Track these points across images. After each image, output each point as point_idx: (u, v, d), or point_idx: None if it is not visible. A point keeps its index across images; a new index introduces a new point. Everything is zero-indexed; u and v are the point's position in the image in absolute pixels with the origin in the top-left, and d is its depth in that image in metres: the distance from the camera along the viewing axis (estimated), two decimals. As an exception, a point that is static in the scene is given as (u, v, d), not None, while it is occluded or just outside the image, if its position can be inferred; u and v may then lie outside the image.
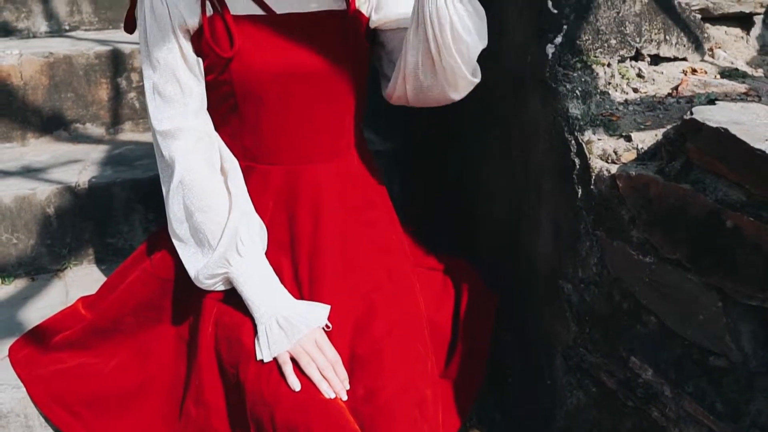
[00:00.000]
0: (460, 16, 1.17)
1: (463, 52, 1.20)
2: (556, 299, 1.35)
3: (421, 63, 1.23)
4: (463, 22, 1.18)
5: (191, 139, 1.25)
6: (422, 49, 1.21)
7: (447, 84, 1.25)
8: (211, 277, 1.24)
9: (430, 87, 1.27)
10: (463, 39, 1.19)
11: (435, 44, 1.19)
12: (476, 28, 1.21)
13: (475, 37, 1.21)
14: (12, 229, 1.74)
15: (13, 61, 2.05)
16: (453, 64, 1.21)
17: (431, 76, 1.25)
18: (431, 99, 1.30)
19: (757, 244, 0.95)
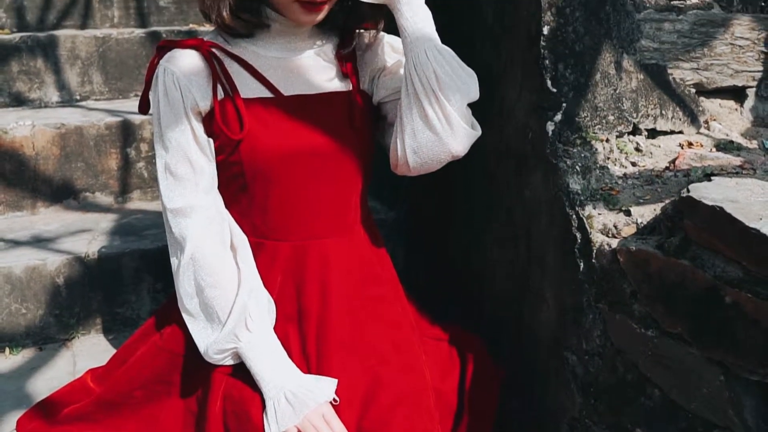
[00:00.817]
0: (441, 65, 1.22)
1: (451, 98, 1.23)
2: (561, 370, 1.36)
3: (414, 117, 1.25)
4: (444, 70, 1.22)
5: (202, 217, 1.28)
6: (414, 104, 1.24)
7: (444, 135, 1.25)
8: (220, 352, 1.26)
9: (429, 143, 1.26)
10: (448, 85, 1.22)
11: (424, 94, 1.22)
12: (460, 77, 1.24)
13: (461, 84, 1.24)
14: (21, 299, 1.76)
15: (26, 132, 2.11)
16: (444, 112, 1.23)
17: (427, 130, 1.25)
18: (433, 157, 1.28)
19: (756, 319, 0.97)
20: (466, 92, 1.25)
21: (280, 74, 1.32)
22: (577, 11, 1.35)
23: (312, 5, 1.23)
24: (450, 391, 1.49)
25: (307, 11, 1.24)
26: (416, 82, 1.23)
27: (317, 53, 1.36)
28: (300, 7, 1.24)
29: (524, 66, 1.39)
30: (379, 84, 1.38)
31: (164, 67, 1.25)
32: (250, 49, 1.31)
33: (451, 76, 1.23)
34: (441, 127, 1.24)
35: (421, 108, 1.24)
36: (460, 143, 1.26)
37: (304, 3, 1.23)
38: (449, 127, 1.24)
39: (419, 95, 1.23)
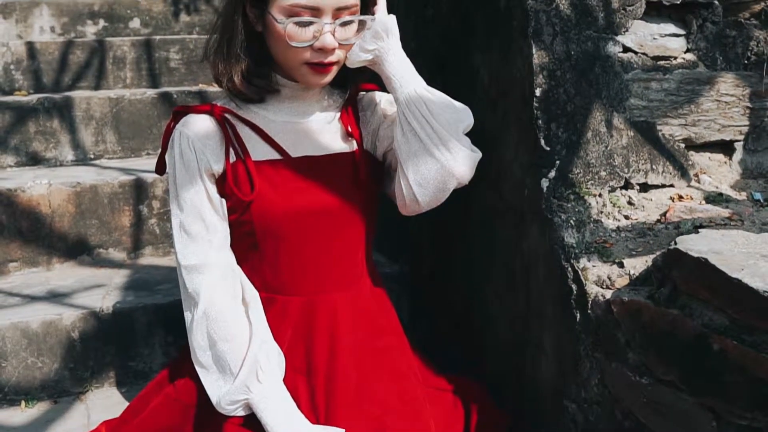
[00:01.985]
0: (431, 99, 1.31)
1: (445, 124, 1.30)
2: (562, 419, 1.40)
3: (413, 151, 1.31)
4: (435, 102, 1.31)
5: (215, 273, 1.34)
6: (411, 138, 1.31)
7: (445, 160, 1.29)
8: (232, 402, 1.31)
9: (432, 172, 1.31)
10: (441, 113, 1.30)
11: (419, 126, 1.30)
12: (451, 106, 1.33)
13: (453, 112, 1.32)
14: (37, 353, 1.81)
15: (43, 190, 2.19)
16: (441, 138, 1.29)
17: (427, 160, 1.30)
18: (439, 185, 1.32)
19: (742, 366, 1.02)
20: (460, 119, 1.33)
21: (288, 137, 1.39)
22: (567, 73, 1.43)
23: (320, 66, 1.31)
24: (455, 442, 1.53)
25: (316, 72, 1.32)
26: (410, 117, 1.31)
27: (323, 116, 1.43)
28: (309, 69, 1.32)
29: (519, 126, 1.46)
30: (380, 135, 1.46)
31: (180, 131, 1.33)
32: (260, 114, 1.39)
33: (442, 106, 1.31)
34: (440, 154, 1.30)
35: (417, 140, 1.30)
36: (462, 165, 1.31)
37: (313, 65, 1.31)
38: (448, 151, 1.30)
39: (414, 129, 1.30)
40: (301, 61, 1.29)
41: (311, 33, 1.27)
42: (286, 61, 1.32)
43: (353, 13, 1.30)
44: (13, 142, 2.56)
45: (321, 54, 1.29)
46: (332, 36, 1.28)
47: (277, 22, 1.26)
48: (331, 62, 1.31)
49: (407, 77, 1.33)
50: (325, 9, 1.26)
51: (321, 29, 1.27)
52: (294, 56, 1.29)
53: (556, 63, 1.42)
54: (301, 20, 1.26)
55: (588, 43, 1.46)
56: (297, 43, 1.27)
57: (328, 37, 1.27)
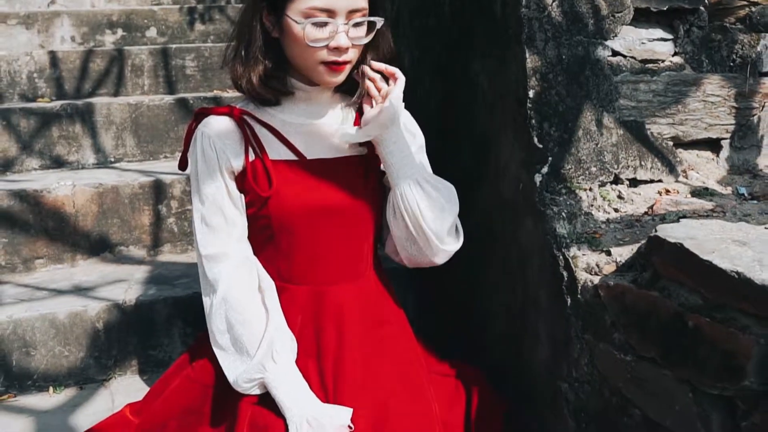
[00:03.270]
0: (423, 199, 1.46)
1: (434, 227, 1.47)
2: (556, 399, 1.50)
3: (404, 242, 1.52)
4: (428, 203, 1.46)
5: (233, 263, 1.45)
6: (401, 223, 1.49)
7: (429, 253, 1.51)
8: (248, 381, 1.41)
9: (416, 255, 1.53)
10: (431, 218, 1.47)
11: (409, 220, 1.47)
12: (443, 208, 1.48)
13: (443, 214, 1.48)
14: (64, 343, 1.93)
15: (67, 191, 2.31)
16: (429, 242, 1.48)
17: (414, 250, 1.51)
18: (421, 262, 1.55)
19: (713, 341, 1.12)
20: (448, 221, 1.50)
21: (303, 139, 1.49)
22: (559, 76, 1.53)
23: (335, 65, 1.41)
24: (456, 423, 1.62)
25: (332, 71, 1.42)
26: (402, 211, 1.48)
27: (337, 119, 1.53)
28: (325, 68, 1.42)
29: (515, 126, 1.57)
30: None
31: (202, 131, 1.44)
32: (276, 116, 1.49)
33: (433, 208, 1.47)
34: (425, 248, 1.50)
35: (407, 230, 1.49)
36: (441, 259, 1.53)
37: (329, 64, 1.41)
38: (431, 249, 1.50)
39: (406, 222, 1.48)
40: (317, 60, 1.40)
41: (327, 33, 1.38)
42: (304, 61, 1.41)
43: (364, 15, 1.41)
44: (38, 146, 2.68)
45: (336, 53, 1.39)
46: (346, 36, 1.38)
47: (297, 23, 1.37)
48: (345, 61, 1.41)
49: (405, 169, 1.47)
50: (339, 11, 1.36)
51: (336, 29, 1.37)
52: (311, 56, 1.39)
53: (549, 66, 1.53)
54: (317, 20, 1.36)
55: (578, 48, 1.56)
56: (314, 42, 1.37)
57: (342, 37, 1.38)
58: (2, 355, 1.90)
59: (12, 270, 2.26)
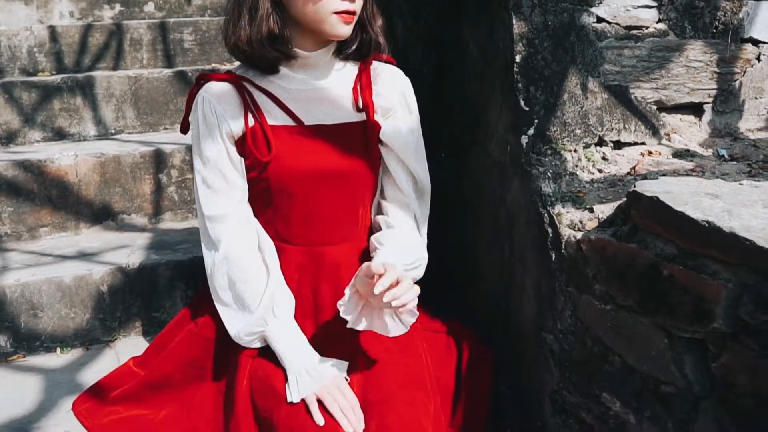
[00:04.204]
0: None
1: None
2: (541, 350, 1.57)
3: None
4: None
5: (234, 223, 1.51)
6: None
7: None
8: (250, 334, 1.49)
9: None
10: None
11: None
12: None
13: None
14: (70, 305, 2.00)
15: (70, 161, 2.37)
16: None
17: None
18: None
19: (685, 287, 1.19)
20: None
21: (302, 105, 1.54)
22: (545, 41, 1.59)
23: (347, 14, 1.44)
24: (448, 377, 1.70)
25: (344, 21, 1.44)
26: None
27: (336, 85, 1.57)
28: (338, 18, 1.44)
29: (502, 90, 1.62)
30: (384, 127, 1.59)
31: (203, 96, 1.50)
32: (275, 83, 1.54)
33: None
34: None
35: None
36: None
37: (341, 12, 1.43)
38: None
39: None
40: (330, 10, 1.42)
41: None
42: (315, 13, 1.43)
43: None
44: (40, 118, 2.74)
45: (347, 1, 1.43)
46: None
47: None
48: (354, 10, 1.45)
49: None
50: None
51: None
52: (324, 6, 1.42)
53: (535, 32, 1.58)
54: None
55: (564, 14, 1.62)
56: None
57: None
58: (11, 317, 1.97)
59: (17, 238, 2.33)
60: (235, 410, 1.51)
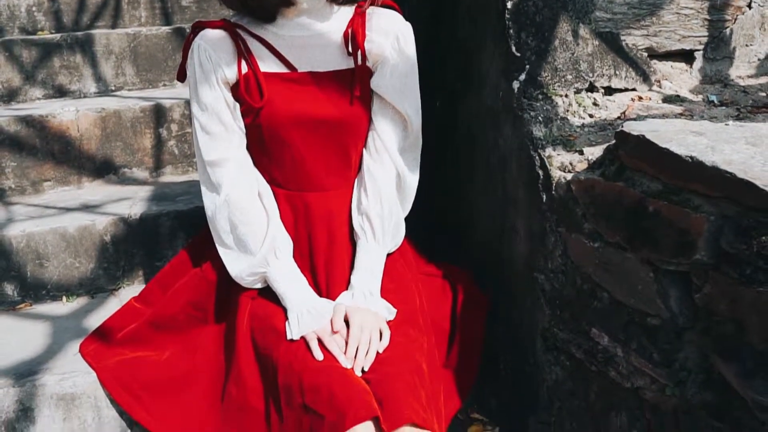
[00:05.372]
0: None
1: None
2: (533, 289, 1.62)
3: None
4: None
5: (234, 167, 1.55)
6: None
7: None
8: (252, 275, 1.53)
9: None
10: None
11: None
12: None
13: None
14: (75, 255, 2.04)
15: (71, 116, 2.40)
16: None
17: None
18: None
19: (670, 221, 1.23)
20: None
21: (295, 52, 1.56)
22: (537, -13, 1.61)
23: None
24: (443, 319, 1.75)
25: None
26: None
27: (329, 33, 1.57)
28: None
29: (494, 37, 1.65)
30: (377, 66, 1.60)
31: (198, 43, 1.52)
32: (269, 30, 1.56)
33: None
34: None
35: None
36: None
37: None
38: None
39: None
40: None
41: None
42: None
43: None
44: (40, 76, 2.76)
45: None
46: None
47: None
48: None
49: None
50: None
51: None
52: None
53: (527, -22, 1.60)
54: None
55: (556, -40, 1.64)
56: None
57: None
58: (17, 267, 2.01)
59: (21, 192, 2.37)
60: (236, 349, 1.56)
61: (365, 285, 1.55)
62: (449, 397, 1.68)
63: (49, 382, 1.63)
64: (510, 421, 1.78)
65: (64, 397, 1.63)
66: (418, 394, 1.44)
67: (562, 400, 1.60)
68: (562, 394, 1.60)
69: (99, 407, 1.65)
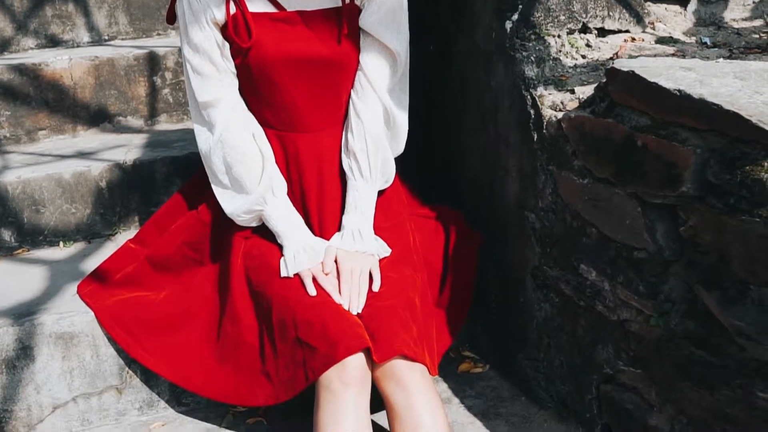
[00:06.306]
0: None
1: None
2: (524, 228, 1.64)
3: None
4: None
5: (227, 107, 1.56)
6: None
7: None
8: (249, 212, 1.55)
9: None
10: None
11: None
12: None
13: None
14: (71, 201, 2.06)
15: (65, 64, 2.39)
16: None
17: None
18: None
19: (657, 154, 1.25)
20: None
21: None
22: (530, -74, 1.60)
23: None
24: (436, 259, 1.77)
25: None
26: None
27: None
28: None
29: (488, -25, 1.64)
30: (364, 12, 1.60)
31: (187, -16, 1.52)
32: (258, -32, 1.56)
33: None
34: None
35: None
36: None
37: None
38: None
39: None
40: None
41: None
42: None
43: None
44: (33, 25, 2.74)
45: None
46: None
47: None
48: None
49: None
50: None
51: None
52: None
53: None
54: None
55: None
56: None
57: None
58: (14, 213, 2.03)
59: (16, 141, 2.37)
60: (231, 287, 1.59)
61: (355, 225, 1.57)
62: (441, 335, 1.71)
63: (47, 322, 1.66)
64: (500, 358, 1.82)
65: (62, 335, 1.66)
66: (410, 328, 1.47)
67: (550, 336, 1.63)
68: (550, 330, 1.63)
69: (97, 345, 1.68)
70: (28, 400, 1.66)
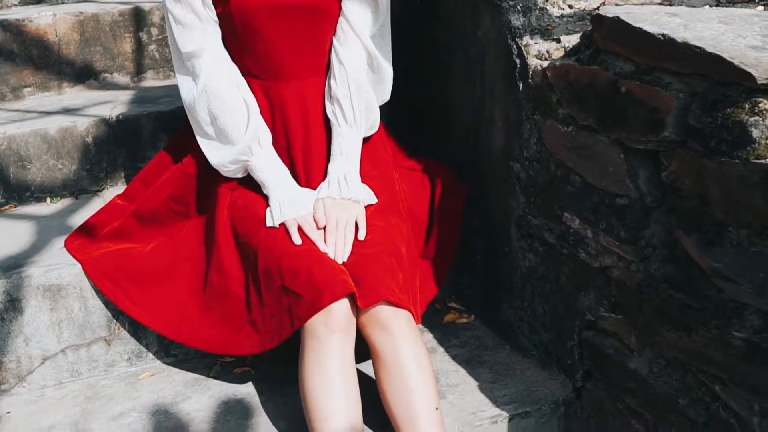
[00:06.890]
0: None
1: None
2: (509, 178, 1.65)
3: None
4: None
5: (211, 56, 1.55)
6: None
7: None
8: (234, 162, 1.55)
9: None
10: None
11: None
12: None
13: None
14: (57, 156, 2.05)
15: (49, 20, 2.37)
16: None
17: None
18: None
19: (641, 100, 1.25)
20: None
21: None
22: None
23: None
24: (422, 212, 1.78)
25: None
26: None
27: None
28: None
29: (474, -75, 1.63)
30: None
31: (168, -70, 1.50)
32: None
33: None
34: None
35: None
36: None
37: None
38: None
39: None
40: None
41: None
42: None
43: None
44: (15, -19, 2.71)
45: None
46: None
47: None
48: None
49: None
50: None
51: None
52: None
53: None
54: None
55: None
56: None
57: None
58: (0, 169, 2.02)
59: (1, 98, 2.36)
60: (217, 238, 1.59)
61: (340, 171, 1.57)
62: (426, 284, 1.72)
63: (35, 274, 1.66)
64: (485, 308, 1.84)
65: (50, 288, 1.66)
66: (396, 275, 1.48)
67: (534, 285, 1.65)
68: (534, 279, 1.64)
69: (85, 297, 1.68)
70: (17, 351, 1.67)
